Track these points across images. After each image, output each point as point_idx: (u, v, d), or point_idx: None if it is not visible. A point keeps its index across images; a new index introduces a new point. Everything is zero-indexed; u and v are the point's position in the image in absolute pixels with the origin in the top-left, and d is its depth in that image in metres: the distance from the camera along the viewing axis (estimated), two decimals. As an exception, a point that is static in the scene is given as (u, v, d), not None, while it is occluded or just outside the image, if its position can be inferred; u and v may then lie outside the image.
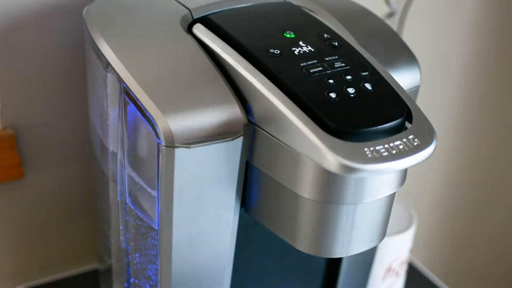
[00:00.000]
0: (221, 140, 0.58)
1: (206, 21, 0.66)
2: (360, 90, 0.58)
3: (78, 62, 0.80)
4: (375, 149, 0.54)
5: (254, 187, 0.63)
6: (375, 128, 0.56)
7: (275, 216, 0.63)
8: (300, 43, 0.62)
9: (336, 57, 0.61)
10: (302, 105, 0.56)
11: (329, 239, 0.61)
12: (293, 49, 0.61)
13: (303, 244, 0.62)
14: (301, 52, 0.61)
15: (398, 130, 0.57)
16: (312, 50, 0.62)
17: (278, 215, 0.63)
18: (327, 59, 0.61)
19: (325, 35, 0.64)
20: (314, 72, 0.59)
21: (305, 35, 0.63)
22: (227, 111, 0.58)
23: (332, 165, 0.53)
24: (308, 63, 0.60)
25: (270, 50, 0.61)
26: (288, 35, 0.63)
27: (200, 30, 0.65)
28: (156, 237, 0.64)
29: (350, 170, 0.53)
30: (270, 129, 0.58)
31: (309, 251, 0.62)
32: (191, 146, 0.57)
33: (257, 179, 0.63)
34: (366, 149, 0.54)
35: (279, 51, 0.61)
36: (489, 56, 1.25)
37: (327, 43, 0.63)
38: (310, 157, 0.55)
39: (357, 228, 0.61)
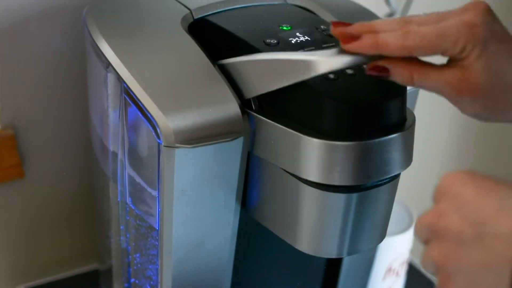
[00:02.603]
0: (221, 140, 0.58)
1: (205, 21, 0.66)
2: (358, 70, 0.58)
3: (78, 62, 0.80)
4: None
5: (255, 183, 0.63)
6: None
7: (276, 215, 0.63)
8: (297, 33, 0.62)
9: (334, 44, 0.61)
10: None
11: (329, 238, 0.61)
12: (290, 39, 0.62)
13: (303, 244, 0.62)
14: (298, 41, 0.61)
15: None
16: (309, 39, 0.62)
17: (279, 212, 0.63)
18: (324, 45, 0.61)
19: (322, 27, 0.64)
20: None
21: (301, 27, 0.64)
22: (227, 111, 0.58)
23: (319, 66, 0.54)
24: (306, 49, 0.60)
25: (267, 40, 0.61)
26: (284, 28, 0.63)
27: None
28: (157, 237, 0.64)
29: (333, 64, 0.54)
30: (265, 85, 0.58)
31: (309, 251, 0.62)
32: (192, 146, 0.57)
33: (258, 174, 0.62)
34: None
35: (276, 41, 0.61)
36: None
37: (324, 33, 0.63)
38: (302, 77, 0.55)
39: (358, 228, 0.61)
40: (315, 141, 0.56)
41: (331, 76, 0.57)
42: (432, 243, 0.46)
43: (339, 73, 0.57)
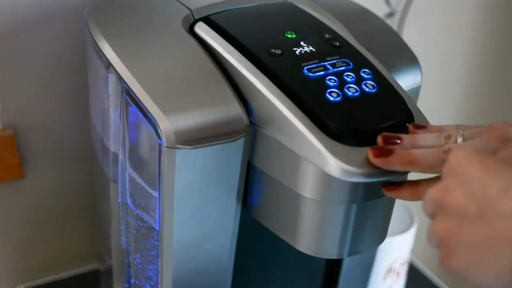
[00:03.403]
0: (222, 141, 0.58)
1: (207, 21, 0.66)
2: (362, 91, 0.58)
3: (79, 62, 0.80)
4: None
5: (255, 187, 0.63)
6: (376, 129, 0.55)
7: (276, 217, 0.63)
8: (302, 43, 0.62)
9: (338, 57, 0.61)
10: (303, 106, 0.56)
11: (329, 240, 0.61)
12: (294, 49, 0.61)
13: (303, 244, 0.62)
14: (302, 52, 0.61)
15: (399, 131, 0.57)
16: (313, 50, 0.61)
17: (279, 215, 0.63)
18: (328, 59, 0.61)
19: (326, 35, 0.64)
20: (315, 72, 0.59)
21: (306, 35, 0.63)
22: (228, 112, 0.58)
23: (334, 169, 0.54)
24: (310, 63, 0.60)
25: (271, 50, 0.61)
26: (289, 35, 0.63)
27: (202, 29, 0.65)
28: (157, 238, 0.64)
29: (351, 174, 0.53)
30: (271, 130, 0.58)
31: (309, 252, 0.62)
32: (193, 147, 0.57)
33: (258, 179, 0.62)
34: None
35: (280, 51, 0.61)
36: (489, 56, 1.25)
37: (328, 43, 0.63)
38: (312, 161, 0.55)
39: (358, 229, 0.61)
40: None
41: (334, 97, 0.57)
42: (437, 218, 0.47)
43: (342, 94, 0.57)
